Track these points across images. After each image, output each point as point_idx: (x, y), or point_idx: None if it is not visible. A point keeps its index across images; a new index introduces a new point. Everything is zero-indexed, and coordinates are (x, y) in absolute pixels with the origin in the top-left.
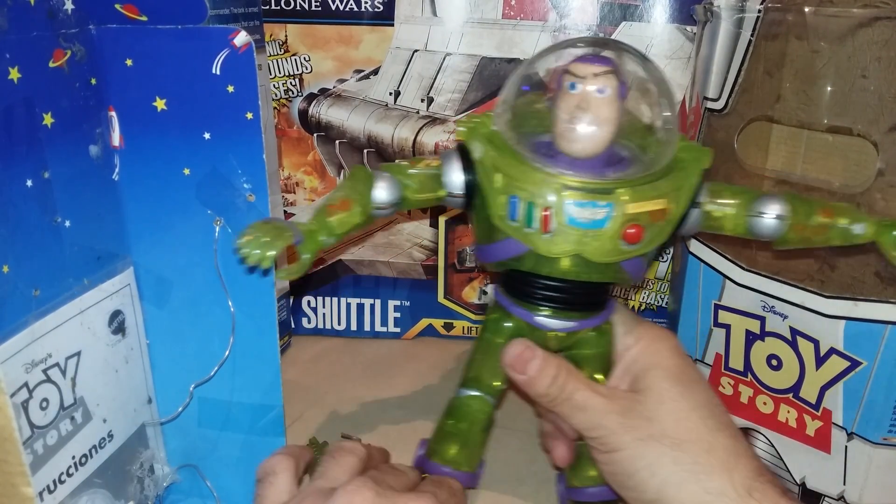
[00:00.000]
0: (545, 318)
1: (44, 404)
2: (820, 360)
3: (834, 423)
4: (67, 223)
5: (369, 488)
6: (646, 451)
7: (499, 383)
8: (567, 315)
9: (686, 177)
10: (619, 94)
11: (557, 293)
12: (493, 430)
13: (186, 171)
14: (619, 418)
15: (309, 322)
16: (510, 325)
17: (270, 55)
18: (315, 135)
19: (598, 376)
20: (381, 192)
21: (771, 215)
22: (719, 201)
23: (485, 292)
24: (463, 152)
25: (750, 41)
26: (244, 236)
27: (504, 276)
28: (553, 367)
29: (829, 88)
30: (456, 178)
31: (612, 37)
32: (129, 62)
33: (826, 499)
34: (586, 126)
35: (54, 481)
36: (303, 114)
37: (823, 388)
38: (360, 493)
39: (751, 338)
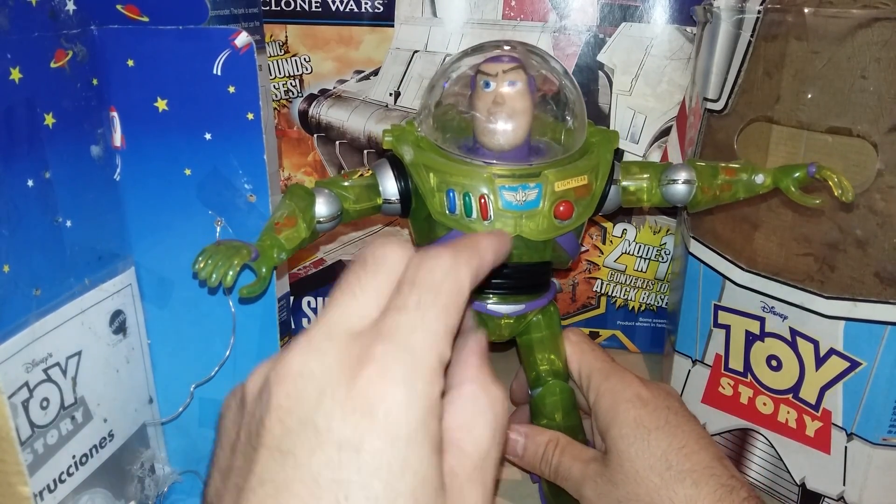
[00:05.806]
0: (496, 305)
1: (44, 404)
2: (820, 361)
3: (834, 424)
4: (68, 223)
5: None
6: None
7: None
8: (516, 299)
9: (600, 155)
10: (529, 86)
11: (504, 279)
12: None
13: (187, 172)
14: (593, 485)
15: (309, 322)
16: None
17: (271, 56)
18: (315, 135)
19: (543, 355)
20: (322, 207)
21: (680, 181)
22: (633, 176)
23: None
24: (393, 161)
25: (749, 42)
26: (199, 260)
27: None
28: (539, 445)
29: (828, 89)
30: (390, 185)
31: (612, 37)
32: (130, 63)
33: (826, 499)
34: (505, 118)
35: (55, 481)
36: (303, 114)
37: (823, 389)
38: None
39: (750, 338)
